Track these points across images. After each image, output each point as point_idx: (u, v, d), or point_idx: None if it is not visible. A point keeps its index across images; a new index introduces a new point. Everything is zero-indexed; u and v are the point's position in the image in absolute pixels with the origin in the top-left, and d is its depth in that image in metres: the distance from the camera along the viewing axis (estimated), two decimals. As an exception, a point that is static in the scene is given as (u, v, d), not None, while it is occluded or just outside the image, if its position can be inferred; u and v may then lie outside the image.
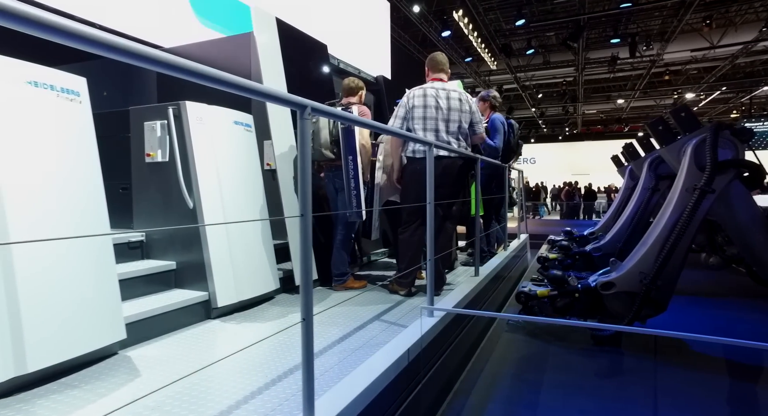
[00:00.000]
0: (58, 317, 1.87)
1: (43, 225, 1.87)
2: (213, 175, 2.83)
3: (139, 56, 0.96)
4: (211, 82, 1.11)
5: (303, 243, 1.34)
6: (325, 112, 1.43)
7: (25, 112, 1.88)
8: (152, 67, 1.02)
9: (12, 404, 1.66)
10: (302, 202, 1.33)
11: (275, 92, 1.24)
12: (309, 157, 1.34)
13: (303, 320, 1.33)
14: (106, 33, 0.92)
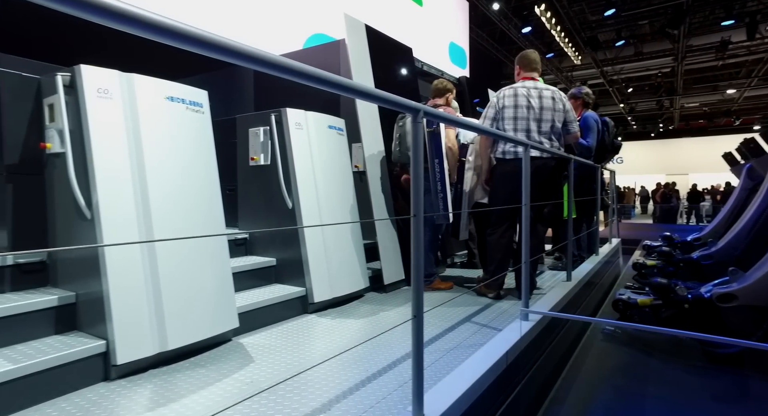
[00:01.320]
0: (189, 304, 2.10)
1: (178, 222, 2.12)
2: (310, 177, 3.00)
3: (279, 67, 1.05)
4: (335, 88, 1.19)
5: (415, 243, 1.38)
6: (435, 116, 1.46)
7: (165, 123, 2.15)
8: (283, 75, 1.11)
9: (158, 375, 1.91)
10: (415, 203, 1.37)
11: (391, 97, 1.30)
12: (421, 158, 1.38)
13: (414, 317, 1.38)
14: (248, 46, 1.02)
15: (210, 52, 0.88)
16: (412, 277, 1.39)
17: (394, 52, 4.23)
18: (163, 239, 2.06)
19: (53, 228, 2.14)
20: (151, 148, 2.08)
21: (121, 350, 1.87)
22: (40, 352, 1.75)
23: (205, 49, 0.86)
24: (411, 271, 1.39)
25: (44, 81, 2.10)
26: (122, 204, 1.96)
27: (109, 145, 1.96)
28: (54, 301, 1.96)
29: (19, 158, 2.09)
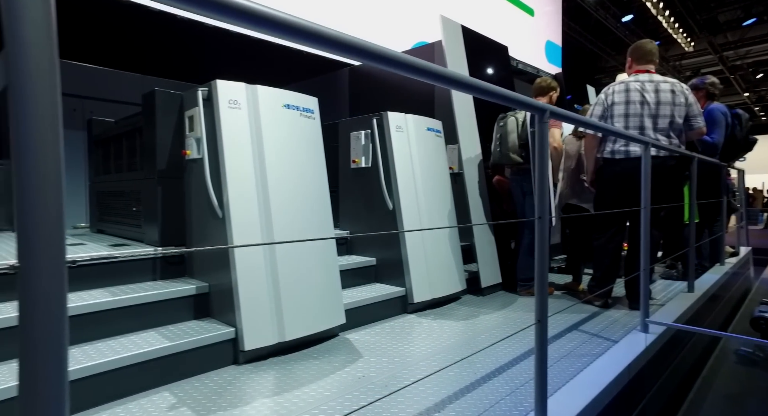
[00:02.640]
0: (303, 299, 2.25)
1: (293, 221, 2.28)
2: (410, 179, 3.05)
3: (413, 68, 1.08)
4: (462, 88, 1.20)
5: (540, 245, 1.34)
6: (562, 116, 1.41)
7: (282, 129, 2.32)
8: (413, 75, 1.13)
9: (277, 363, 2.07)
10: (540, 205, 1.34)
11: (516, 96, 1.28)
12: (547, 160, 1.34)
13: (538, 321, 1.34)
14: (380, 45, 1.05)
15: (342, 53, 0.91)
16: (536, 281, 1.35)
17: (490, 52, 4.15)
18: (283, 241, 2.22)
19: (191, 224, 2.42)
20: (271, 153, 2.26)
21: (248, 337, 2.05)
22: (186, 334, 1.98)
23: (337, 49, 0.90)
24: (535, 275, 1.35)
25: (186, 96, 2.39)
26: (248, 204, 2.16)
27: (237, 150, 2.17)
28: (193, 290, 2.22)
29: (167, 164, 2.40)
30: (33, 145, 0.47)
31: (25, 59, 0.47)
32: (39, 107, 0.48)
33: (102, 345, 1.84)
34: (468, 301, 3.25)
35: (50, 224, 0.48)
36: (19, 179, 0.47)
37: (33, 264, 0.47)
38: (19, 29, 0.46)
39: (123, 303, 1.99)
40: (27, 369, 0.47)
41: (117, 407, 1.67)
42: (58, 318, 0.49)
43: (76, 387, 1.62)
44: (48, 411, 0.47)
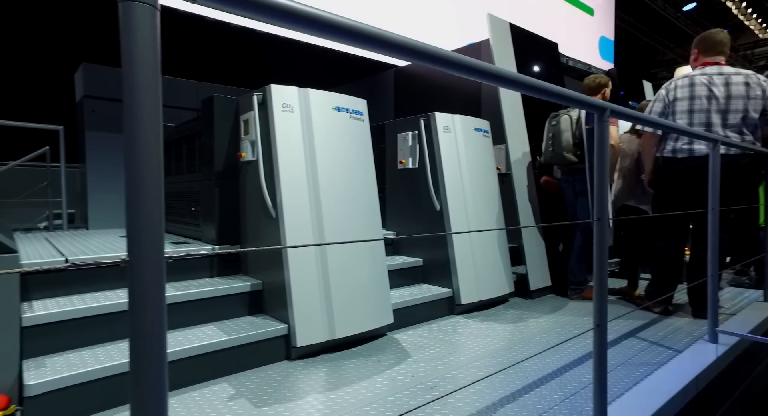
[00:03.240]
0: (353, 298, 2.29)
1: (343, 221, 2.33)
2: (457, 180, 3.03)
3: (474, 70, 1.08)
4: (520, 88, 1.19)
5: (599, 248, 1.30)
6: (624, 115, 1.36)
7: (332, 131, 2.38)
8: (468, 76, 1.13)
9: (328, 360, 2.12)
10: (599, 206, 1.30)
11: (577, 96, 1.25)
12: (607, 159, 1.30)
13: (597, 326, 1.30)
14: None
15: (394, 53, 0.91)
16: (595, 285, 1.31)
17: (539, 49, 4.05)
18: (333, 242, 2.27)
19: (245, 224, 2.52)
20: (322, 154, 2.32)
21: (300, 334, 2.11)
22: (242, 329, 2.07)
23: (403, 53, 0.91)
24: (594, 278, 1.31)
25: (242, 101, 2.49)
26: (300, 204, 2.22)
27: (290, 152, 2.24)
28: (247, 287, 2.31)
29: (223, 166, 2.52)
30: (141, 154, 0.52)
31: (137, 76, 0.51)
32: (146, 118, 0.52)
33: (168, 337, 1.96)
34: (516, 304, 3.19)
35: (153, 225, 0.53)
36: (129, 186, 0.52)
37: (139, 259, 0.52)
38: (132, 53, 0.51)
39: (185, 297, 2.10)
40: (135, 347, 0.52)
41: (182, 395, 1.77)
42: (158, 304, 0.53)
43: (146, 375, 1.73)
44: (153, 381, 0.52)
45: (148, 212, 0.52)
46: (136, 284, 0.52)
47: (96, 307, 1.86)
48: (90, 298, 1.96)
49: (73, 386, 1.58)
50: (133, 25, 0.51)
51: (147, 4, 0.51)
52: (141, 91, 0.52)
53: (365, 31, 0.81)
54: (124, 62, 0.52)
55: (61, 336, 1.79)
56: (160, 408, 0.54)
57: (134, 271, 0.52)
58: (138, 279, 0.52)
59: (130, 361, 0.53)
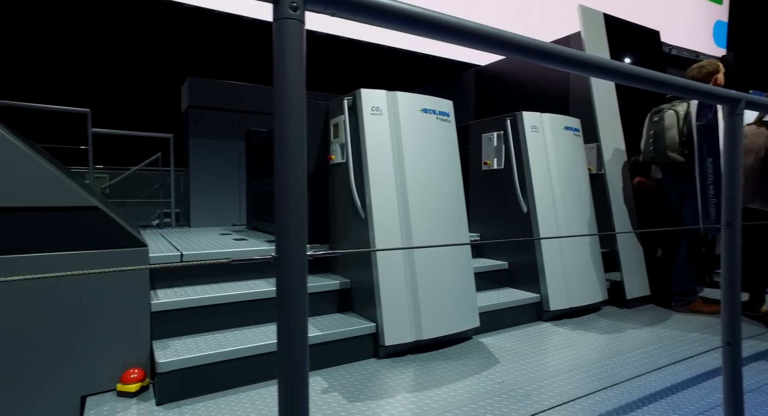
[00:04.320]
0: (439, 300, 2.29)
1: (430, 222, 2.33)
2: (546, 181, 2.90)
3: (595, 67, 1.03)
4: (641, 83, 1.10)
5: (728, 255, 1.17)
6: (764, 106, 1.21)
7: (419, 133, 2.39)
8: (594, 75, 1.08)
9: (415, 360, 2.14)
10: (728, 209, 1.17)
11: (703, 88, 1.13)
12: (739, 157, 1.17)
13: (727, 344, 1.17)
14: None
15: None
16: (724, 297, 1.18)
17: (637, 39, 3.75)
18: (418, 246, 2.29)
19: (335, 224, 2.62)
20: (410, 156, 2.35)
21: (388, 333, 2.15)
22: (333, 325, 2.16)
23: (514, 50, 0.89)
24: (723, 290, 1.18)
25: (331, 105, 2.60)
26: (388, 205, 2.27)
27: (379, 154, 2.29)
28: (337, 285, 2.40)
29: (314, 168, 2.64)
30: (290, 162, 0.56)
31: (286, 84, 0.56)
32: (293, 127, 0.57)
33: (266, 329, 2.10)
34: (610, 313, 2.97)
35: (298, 227, 0.57)
36: (278, 194, 0.56)
37: (287, 256, 0.56)
38: (284, 63, 0.56)
39: (281, 292, 2.24)
40: (283, 329, 0.57)
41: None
42: (302, 294, 0.58)
43: (249, 363, 1.87)
44: (298, 359, 0.56)
45: (293, 216, 0.57)
46: (283, 278, 0.56)
47: (211, 298, 2.05)
48: (201, 290, 2.16)
49: (196, 366, 1.75)
50: (285, 39, 0.56)
51: (297, 20, 0.56)
52: (289, 98, 0.56)
53: (475, 29, 0.81)
54: (276, 72, 0.57)
55: (182, 322, 1.99)
56: (303, 381, 0.59)
57: (282, 267, 0.56)
58: (285, 273, 0.56)
59: (278, 341, 0.59)
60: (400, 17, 0.66)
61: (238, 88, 5.50)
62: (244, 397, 1.76)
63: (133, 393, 1.75)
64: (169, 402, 1.71)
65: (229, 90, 5.38)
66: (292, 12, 0.55)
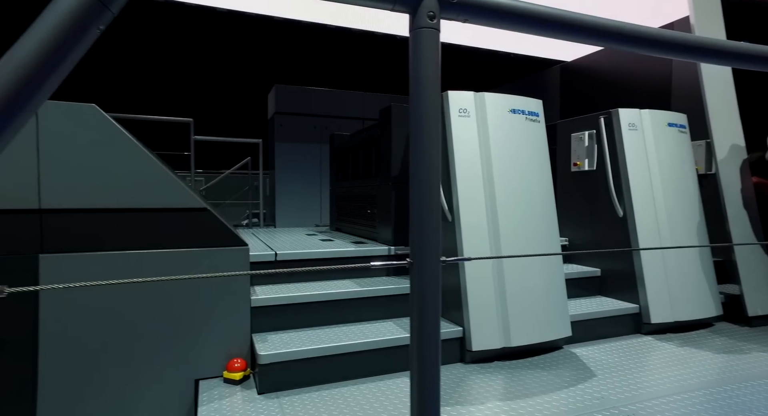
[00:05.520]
0: (528, 306, 2.20)
1: (519, 225, 2.26)
2: (645, 182, 2.68)
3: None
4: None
5: None
6: None
7: (508, 134, 2.33)
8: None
9: (504, 368, 2.08)
10: None
11: None
12: None
13: None
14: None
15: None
16: None
17: (763, 18, 3.33)
18: (505, 256, 2.22)
19: (418, 227, 2.63)
20: (498, 158, 2.29)
21: (476, 339, 2.11)
22: (419, 327, 2.17)
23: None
24: None
25: (416, 108, 2.62)
26: (476, 208, 2.23)
27: (466, 156, 2.26)
28: (422, 287, 2.41)
29: (399, 171, 2.67)
30: (424, 171, 0.57)
31: (423, 103, 0.57)
32: (429, 139, 0.58)
33: (355, 328, 2.16)
34: (726, 331, 2.66)
35: (432, 234, 0.58)
36: (414, 202, 0.57)
37: (421, 261, 0.57)
38: (420, 70, 0.57)
39: (368, 294, 2.29)
40: (418, 328, 0.58)
41: (370, 383, 1.93)
42: (435, 297, 0.58)
43: (344, 360, 1.94)
44: (431, 357, 0.57)
45: (428, 224, 0.58)
46: (418, 281, 0.58)
47: (305, 295, 2.16)
48: (293, 288, 2.28)
49: (295, 361, 1.86)
50: (422, 48, 0.57)
51: (433, 29, 0.57)
52: (426, 106, 0.57)
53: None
54: (412, 81, 0.58)
55: (278, 317, 2.11)
56: (435, 376, 0.60)
57: (416, 271, 0.57)
58: (419, 277, 0.58)
59: (412, 339, 0.61)
60: (533, 19, 0.64)
61: (320, 93, 5.73)
62: (337, 393, 1.83)
63: (238, 381, 1.89)
64: (269, 392, 1.82)
65: (311, 96, 5.64)
66: (429, 21, 0.56)
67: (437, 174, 0.58)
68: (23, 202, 1.71)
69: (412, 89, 0.58)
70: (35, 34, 0.40)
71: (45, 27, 0.40)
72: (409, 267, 0.58)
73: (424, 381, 0.59)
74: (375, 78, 8.77)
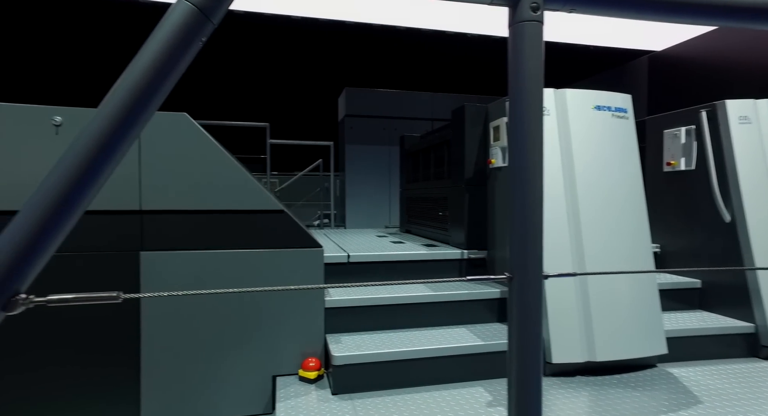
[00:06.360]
0: (615, 319, 2.02)
1: (604, 229, 2.08)
2: (761, 183, 2.36)
3: None
4: None
5: None
6: None
7: (591, 132, 2.16)
8: None
9: (588, 384, 1.93)
10: None
11: None
12: None
13: None
14: None
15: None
16: None
17: None
18: (593, 273, 2.06)
19: (494, 229, 2.53)
20: (580, 158, 2.13)
21: (556, 350, 1.98)
22: (495, 335, 2.07)
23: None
24: None
25: (491, 108, 2.52)
26: (555, 213, 2.09)
27: (544, 158, 2.13)
28: (497, 294, 2.31)
29: (473, 173, 2.59)
30: (526, 178, 0.52)
31: (525, 101, 0.52)
32: (532, 141, 0.52)
33: (428, 333, 2.12)
34: None
35: (534, 248, 0.52)
36: (513, 208, 0.52)
37: (522, 277, 0.52)
38: (519, 65, 0.52)
39: (440, 298, 2.24)
40: (516, 351, 0.53)
41: (443, 390, 1.87)
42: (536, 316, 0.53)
43: (417, 365, 1.91)
44: (532, 382, 0.52)
45: (530, 235, 0.52)
46: (519, 297, 0.53)
47: (377, 298, 2.16)
48: (365, 290, 2.29)
49: (369, 363, 1.86)
50: (524, 42, 0.52)
51: (536, 21, 0.51)
52: (528, 105, 0.52)
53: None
54: (512, 78, 0.53)
55: (351, 319, 2.13)
56: (537, 405, 0.54)
57: (517, 286, 0.52)
58: (521, 293, 0.52)
59: (510, 358, 0.55)
60: (643, 4, 0.57)
61: (389, 95, 5.77)
62: (410, 399, 1.80)
63: (312, 380, 1.94)
64: (342, 393, 1.84)
65: (380, 98, 5.68)
66: (533, 13, 0.51)
67: (540, 179, 0.53)
68: (127, 204, 1.87)
69: (513, 88, 0.53)
70: (149, 48, 0.41)
71: (157, 42, 0.41)
72: (508, 282, 0.53)
73: (524, 408, 0.54)
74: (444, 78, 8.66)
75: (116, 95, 0.42)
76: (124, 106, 0.42)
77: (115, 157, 0.44)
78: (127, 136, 0.43)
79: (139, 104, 0.42)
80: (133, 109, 0.42)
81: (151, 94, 0.42)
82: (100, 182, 0.42)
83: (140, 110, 0.42)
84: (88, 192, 0.41)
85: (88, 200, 0.42)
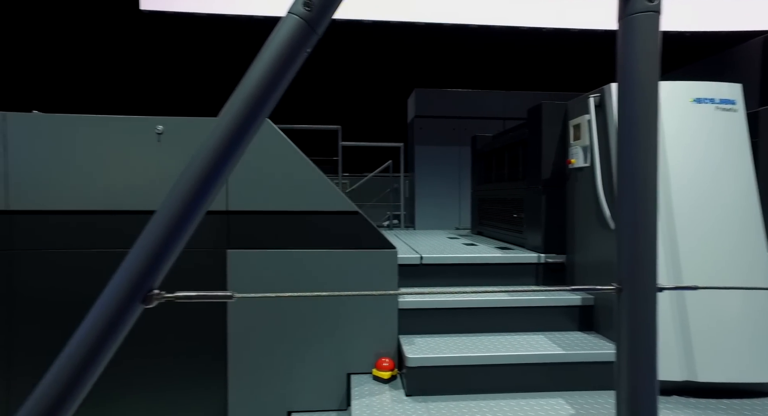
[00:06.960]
0: (720, 336, 1.82)
1: (705, 235, 1.89)
2: None
3: None
4: None
5: None
6: None
7: (689, 127, 1.97)
8: None
9: (687, 405, 1.75)
10: None
11: None
12: None
13: None
14: None
15: None
16: None
17: None
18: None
19: (573, 233, 2.40)
20: (675, 158, 1.95)
21: (647, 365, 1.82)
22: (576, 345, 1.96)
23: None
24: None
25: (571, 105, 2.38)
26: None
27: (636, 156, 1.97)
28: (578, 300, 2.18)
29: (551, 173, 2.47)
30: (638, 177, 0.48)
31: (637, 101, 0.48)
32: (645, 142, 0.48)
33: (503, 338, 2.06)
34: None
35: (647, 255, 0.48)
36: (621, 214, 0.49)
37: (632, 289, 0.48)
38: (635, 78, 0.48)
39: (517, 303, 2.16)
40: (625, 366, 0.49)
41: (520, 399, 1.80)
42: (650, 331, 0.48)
43: (493, 371, 1.86)
44: (646, 384, 0.48)
45: (643, 243, 0.48)
46: (630, 310, 0.49)
47: (452, 301, 2.14)
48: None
49: (443, 366, 1.85)
50: (637, 36, 0.48)
51: (653, 12, 0.47)
52: (643, 99, 0.48)
53: None
54: (621, 75, 0.49)
55: (424, 320, 2.13)
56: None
57: (628, 299, 0.49)
58: (633, 306, 0.49)
59: (621, 376, 0.51)
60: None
61: (458, 95, 5.68)
62: (485, 406, 1.75)
63: (386, 380, 1.96)
64: (416, 395, 1.84)
65: (450, 97, 5.61)
66: (649, 3, 0.47)
67: (654, 183, 0.49)
68: (215, 204, 2.02)
69: (624, 84, 0.49)
70: (262, 60, 0.44)
71: (269, 54, 0.44)
72: (617, 294, 0.49)
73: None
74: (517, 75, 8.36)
75: (234, 105, 0.46)
76: (241, 114, 0.45)
77: (233, 161, 0.48)
78: (242, 141, 0.47)
79: (253, 112, 0.45)
80: (249, 117, 0.45)
81: (263, 102, 0.45)
82: (220, 184, 0.46)
83: (254, 117, 0.46)
84: (211, 193, 0.45)
85: (210, 201, 0.45)
